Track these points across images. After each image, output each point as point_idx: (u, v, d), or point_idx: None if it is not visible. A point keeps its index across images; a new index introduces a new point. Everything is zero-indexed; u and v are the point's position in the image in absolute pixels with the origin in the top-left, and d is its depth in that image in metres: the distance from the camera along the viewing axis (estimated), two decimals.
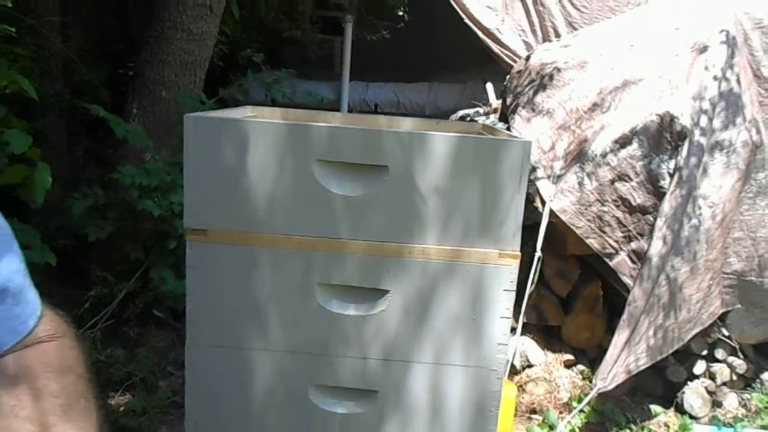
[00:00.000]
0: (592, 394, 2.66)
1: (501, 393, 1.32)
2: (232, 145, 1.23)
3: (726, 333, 3.03)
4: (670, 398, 3.09)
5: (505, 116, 3.70)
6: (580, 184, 2.90)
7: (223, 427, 1.35)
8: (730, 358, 3.06)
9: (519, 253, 1.26)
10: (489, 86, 4.82)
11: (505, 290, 1.27)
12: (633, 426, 2.92)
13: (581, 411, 2.94)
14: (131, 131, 3.18)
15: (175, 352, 3.26)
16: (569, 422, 2.87)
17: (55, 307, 0.82)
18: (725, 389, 3.07)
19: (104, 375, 2.95)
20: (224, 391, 1.33)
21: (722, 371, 3.06)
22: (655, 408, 3.01)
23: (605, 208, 2.87)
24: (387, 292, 1.29)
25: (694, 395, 3.04)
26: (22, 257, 0.75)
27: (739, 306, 2.98)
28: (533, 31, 4.45)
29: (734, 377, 3.08)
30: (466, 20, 4.48)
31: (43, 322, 0.75)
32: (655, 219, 2.74)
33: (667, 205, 2.69)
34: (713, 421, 3.00)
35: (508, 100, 3.58)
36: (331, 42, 5.68)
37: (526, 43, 4.37)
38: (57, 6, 3.22)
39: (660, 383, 3.15)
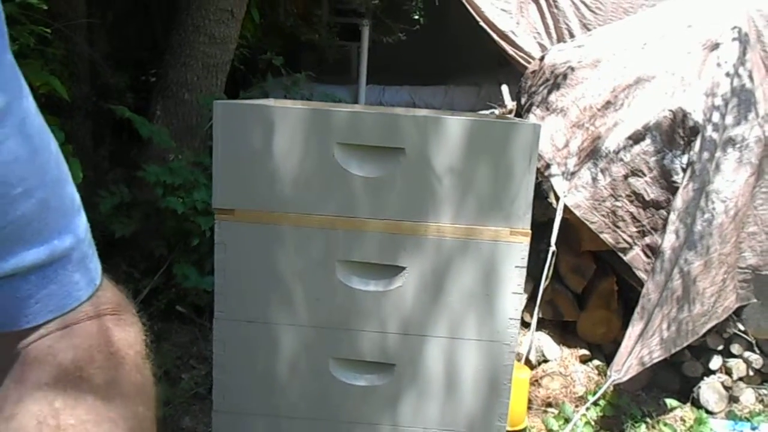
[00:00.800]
0: (606, 385, 2.69)
1: (513, 368, 1.37)
2: (257, 130, 1.31)
3: (742, 328, 3.04)
4: (687, 393, 3.10)
5: (519, 116, 3.76)
6: (594, 179, 2.95)
7: (249, 398, 1.42)
8: (747, 354, 3.07)
9: (530, 231, 1.32)
10: (504, 88, 4.88)
11: (516, 267, 1.33)
12: (648, 420, 2.94)
13: (597, 405, 2.97)
14: (156, 132, 3.29)
15: (197, 346, 3.35)
16: (584, 415, 2.90)
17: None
18: (741, 384, 3.07)
19: None
20: (250, 364, 1.40)
21: (738, 366, 3.07)
22: (671, 402, 3.03)
23: (619, 204, 2.91)
24: (404, 268, 1.35)
25: (710, 390, 3.05)
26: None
27: (755, 301, 2.99)
28: (548, 33, 4.51)
29: (751, 372, 3.09)
30: (481, 23, 4.56)
31: (103, 294, 0.60)
32: (669, 213, 2.77)
33: (679, 200, 2.73)
34: (730, 416, 3.01)
35: (523, 100, 3.64)
36: (349, 47, 5.78)
37: (540, 45, 4.43)
38: (84, 11, 3.35)
39: (676, 378, 3.17)
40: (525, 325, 3.26)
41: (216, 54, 3.58)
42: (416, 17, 4.49)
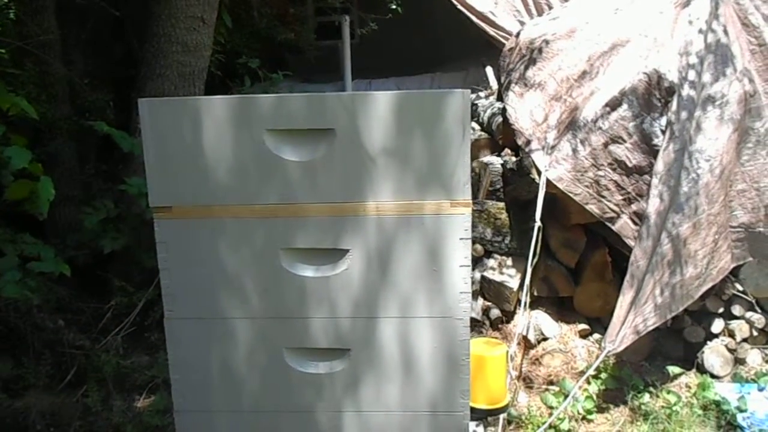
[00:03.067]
0: (602, 356, 2.65)
1: (469, 342, 1.35)
2: (186, 125, 1.30)
3: (741, 288, 2.97)
4: (691, 359, 3.04)
5: (500, 96, 3.72)
6: (574, 151, 2.90)
7: (209, 396, 1.41)
8: (748, 314, 3.00)
9: (470, 202, 1.29)
10: (489, 70, 4.83)
11: (461, 239, 1.31)
12: (652, 389, 2.89)
13: (598, 378, 2.93)
14: (137, 144, 3.31)
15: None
16: (585, 389, 2.85)
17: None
18: (746, 346, 3.01)
19: (129, 380, 3.06)
20: (205, 361, 1.39)
21: (741, 328, 3.00)
22: (673, 369, 2.98)
23: (601, 173, 2.86)
24: (347, 251, 1.33)
25: (714, 354, 2.99)
26: None
27: (751, 259, 2.92)
28: (528, 11, 4.45)
29: (755, 333, 3.02)
30: (459, 6, 4.51)
31: None
32: (651, 178, 2.72)
33: (660, 162, 2.67)
34: (736, 378, 2.94)
35: (502, 78, 3.60)
36: (334, 45, 5.77)
37: (521, 23, 4.37)
38: (56, 31, 3.36)
39: (679, 346, 3.11)
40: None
41: (190, 62, 3.59)
42: (393, 7, 4.46)
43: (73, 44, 3.69)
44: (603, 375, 2.93)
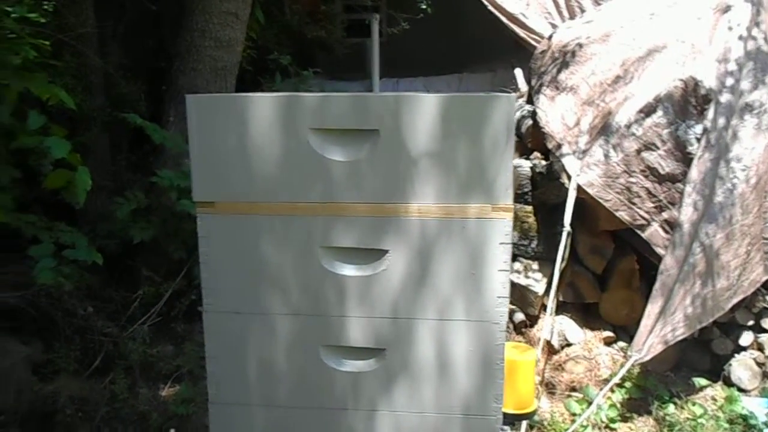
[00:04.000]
0: (627, 365, 2.63)
1: (504, 347, 1.35)
2: (231, 121, 1.31)
3: None
4: (717, 372, 3.01)
5: (530, 98, 3.70)
6: (606, 156, 2.87)
7: (243, 389, 1.43)
8: None
9: (512, 206, 1.29)
10: (518, 72, 4.80)
11: (501, 243, 1.30)
12: (677, 400, 2.86)
13: (622, 387, 2.90)
14: (168, 137, 3.35)
15: None
16: (609, 398, 2.83)
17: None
18: None
19: (155, 369, 3.10)
20: (241, 355, 1.41)
21: None
22: (700, 381, 2.94)
23: (633, 179, 2.83)
24: (387, 251, 1.34)
25: (741, 367, 2.95)
26: None
27: None
28: (559, 12, 4.41)
29: None
30: (490, 7, 4.49)
31: None
32: (685, 186, 2.68)
33: (695, 171, 2.64)
34: (764, 393, 2.90)
35: (533, 81, 3.58)
36: (362, 43, 5.78)
37: (552, 25, 4.33)
38: (93, 23, 3.42)
39: (706, 357, 3.07)
40: (547, 309, 3.20)
41: (223, 57, 3.62)
42: (423, 6, 4.45)
43: (110, 36, 3.73)
44: (627, 384, 2.91)
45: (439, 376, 1.38)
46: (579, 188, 2.91)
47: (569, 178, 2.98)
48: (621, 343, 3.15)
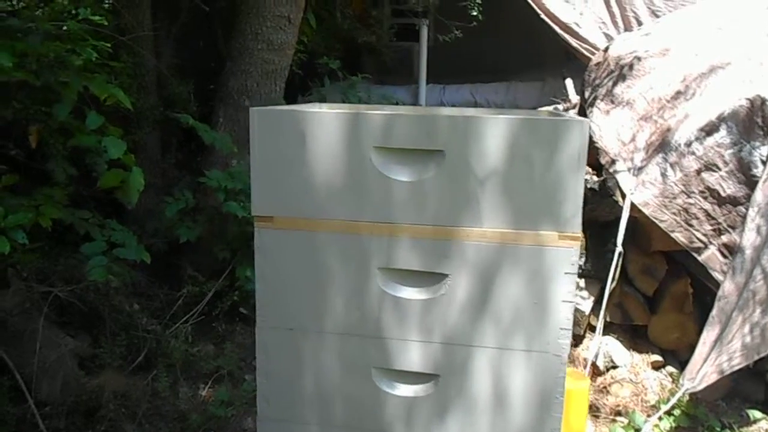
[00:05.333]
0: (680, 393, 2.53)
1: (565, 380, 1.30)
2: (294, 136, 1.30)
3: None
4: None
5: (583, 110, 3.60)
6: (663, 175, 2.77)
7: (292, 406, 1.41)
8: None
9: (579, 235, 1.24)
10: (568, 82, 4.70)
11: (566, 273, 1.26)
12: None
13: (671, 415, 2.80)
14: (218, 138, 3.38)
15: None
16: (657, 425, 2.73)
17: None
18: None
19: (195, 368, 3.13)
20: (292, 372, 1.39)
21: None
22: (754, 413, 2.81)
23: (691, 200, 2.72)
24: (447, 276, 1.30)
25: None
26: None
27: None
28: (614, 23, 4.30)
29: None
30: (543, 16, 4.41)
31: None
32: (748, 210, 2.57)
33: (760, 194, 2.52)
34: None
35: (587, 94, 3.48)
36: (409, 48, 5.75)
37: (606, 35, 4.23)
38: (150, 25, 3.48)
39: (761, 388, 2.94)
40: (592, 329, 3.12)
41: (274, 60, 3.64)
42: (474, 14, 4.39)
43: (164, 37, 3.79)
44: (676, 411, 2.80)
45: (495, 406, 1.34)
46: (632, 207, 2.81)
47: (623, 195, 2.88)
48: (670, 368, 3.04)
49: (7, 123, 2.70)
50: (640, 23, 4.00)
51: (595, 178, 3.25)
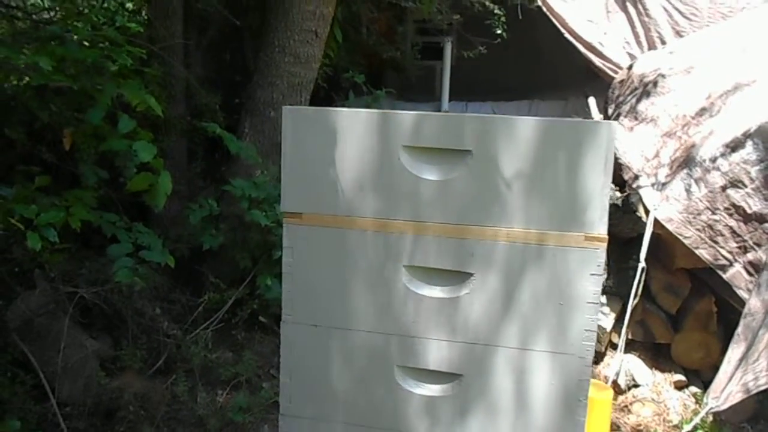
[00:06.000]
0: (703, 412, 2.48)
1: (589, 383, 1.29)
2: (324, 134, 1.33)
3: None
4: None
5: None
6: (688, 191, 2.76)
7: (315, 403, 1.42)
8: None
9: (605, 237, 1.25)
10: (591, 100, 4.70)
11: (592, 274, 1.26)
12: None
13: None
14: (243, 148, 3.43)
15: (278, 356, 3.42)
16: None
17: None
18: None
19: (214, 374, 3.14)
20: (315, 368, 1.41)
21: None
22: None
23: (716, 217, 2.70)
24: (471, 275, 1.31)
25: None
26: None
27: None
28: (638, 42, 4.31)
29: None
30: (567, 35, 4.43)
31: None
32: None
33: None
34: None
35: (610, 110, 3.49)
36: (432, 66, 5.80)
37: (630, 55, 4.24)
38: (181, 35, 3.56)
39: None
40: (614, 346, 3.08)
41: (300, 73, 3.70)
42: (499, 32, 4.43)
43: (194, 48, 3.88)
44: None
45: (517, 407, 1.33)
46: (656, 222, 2.80)
47: (646, 211, 2.87)
48: (693, 388, 2.99)
49: (43, 126, 2.77)
50: (663, 43, 4.01)
51: (618, 194, 3.23)
